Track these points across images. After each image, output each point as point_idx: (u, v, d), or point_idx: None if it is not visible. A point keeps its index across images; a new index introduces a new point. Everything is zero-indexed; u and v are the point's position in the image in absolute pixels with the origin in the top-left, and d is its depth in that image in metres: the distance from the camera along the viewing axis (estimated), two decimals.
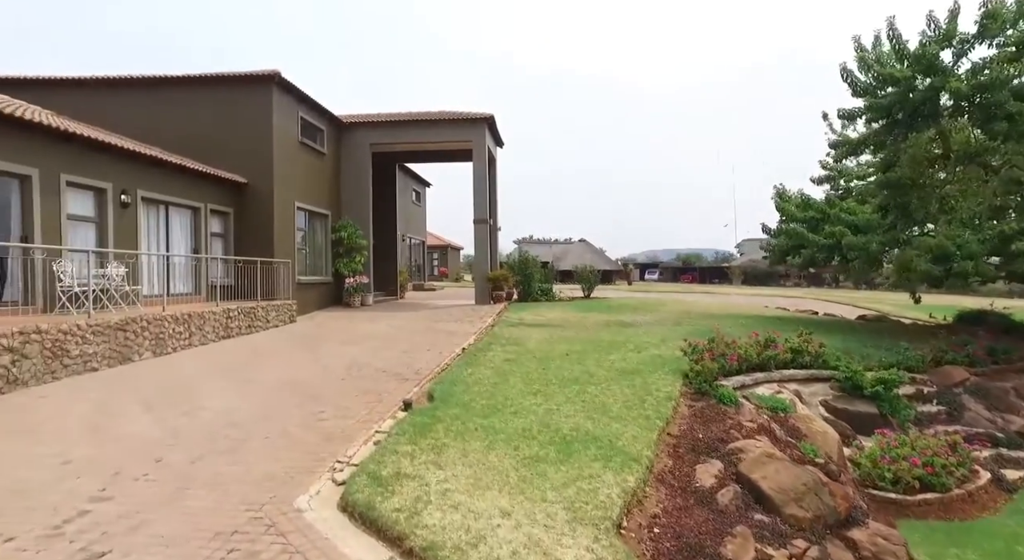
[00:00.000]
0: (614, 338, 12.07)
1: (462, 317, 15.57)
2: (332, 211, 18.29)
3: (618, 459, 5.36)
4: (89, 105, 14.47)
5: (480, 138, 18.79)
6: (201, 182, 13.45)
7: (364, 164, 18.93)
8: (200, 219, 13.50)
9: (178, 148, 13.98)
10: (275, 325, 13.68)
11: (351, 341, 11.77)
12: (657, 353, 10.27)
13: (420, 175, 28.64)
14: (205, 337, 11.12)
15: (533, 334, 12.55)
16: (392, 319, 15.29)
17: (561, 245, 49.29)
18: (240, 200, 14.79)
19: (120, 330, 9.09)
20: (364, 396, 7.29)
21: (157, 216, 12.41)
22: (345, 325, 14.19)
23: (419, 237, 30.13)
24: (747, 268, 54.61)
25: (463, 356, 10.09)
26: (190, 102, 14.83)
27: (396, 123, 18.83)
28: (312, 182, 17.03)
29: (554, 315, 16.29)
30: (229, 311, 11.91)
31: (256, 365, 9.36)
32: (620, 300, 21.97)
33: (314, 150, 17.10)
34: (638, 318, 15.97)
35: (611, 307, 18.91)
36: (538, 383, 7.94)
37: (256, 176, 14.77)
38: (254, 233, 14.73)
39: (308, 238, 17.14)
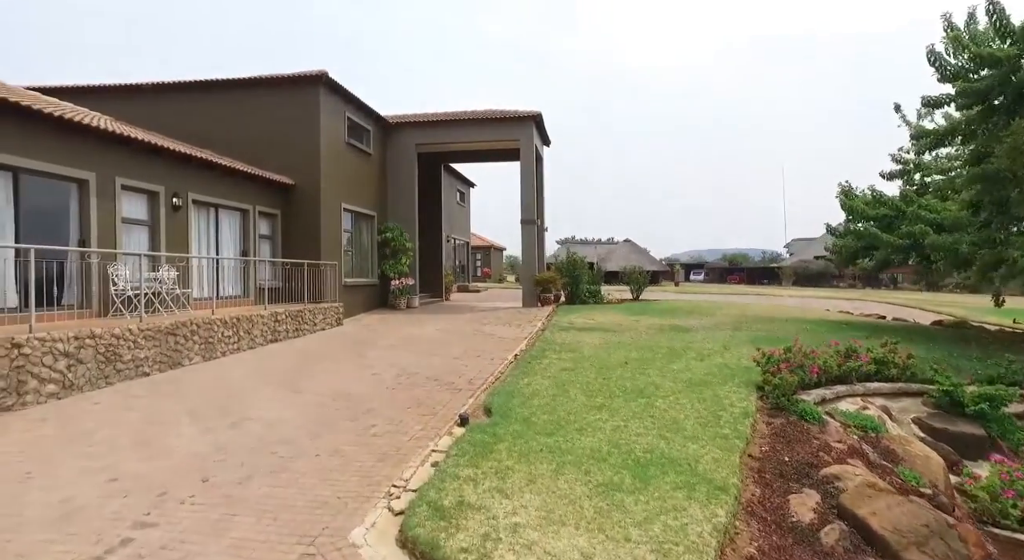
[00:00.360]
0: (673, 344, 11.39)
1: (510, 320, 15.12)
2: (378, 212, 18.11)
3: (703, 488, 4.77)
4: (142, 111, 14.63)
5: (527, 137, 18.30)
6: (250, 184, 13.38)
7: (410, 164, 18.69)
8: (249, 221, 13.44)
9: (226, 151, 13.96)
10: (322, 328, 13.50)
11: (399, 346, 11.45)
12: (722, 362, 9.57)
13: (464, 175, 28.37)
14: (253, 341, 10.96)
15: (586, 339, 11.98)
16: (439, 322, 14.95)
17: (605, 245, 48.37)
18: (287, 202, 14.69)
19: (171, 334, 8.96)
20: (417, 408, 6.88)
21: (207, 219, 12.37)
22: (392, 328, 13.92)
23: (463, 238, 29.88)
24: (797, 268, 52.51)
25: (516, 364, 9.61)
26: (238, 105, 14.83)
27: (442, 123, 18.52)
28: (358, 183, 16.87)
29: (605, 319, 15.66)
30: (277, 314, 11.75)
31: (304, 371, 9.09)
32: (671, 302, 21.15)
33: (360, 151, 16.93)
34: (694, 322, 15.20)
35: (663, 310, 18.15)
36: (601, 395, 7.38)
37: (303, 178, 14.65)
38: (301, 235, 14.62)
39: (354, 240, 16.99)
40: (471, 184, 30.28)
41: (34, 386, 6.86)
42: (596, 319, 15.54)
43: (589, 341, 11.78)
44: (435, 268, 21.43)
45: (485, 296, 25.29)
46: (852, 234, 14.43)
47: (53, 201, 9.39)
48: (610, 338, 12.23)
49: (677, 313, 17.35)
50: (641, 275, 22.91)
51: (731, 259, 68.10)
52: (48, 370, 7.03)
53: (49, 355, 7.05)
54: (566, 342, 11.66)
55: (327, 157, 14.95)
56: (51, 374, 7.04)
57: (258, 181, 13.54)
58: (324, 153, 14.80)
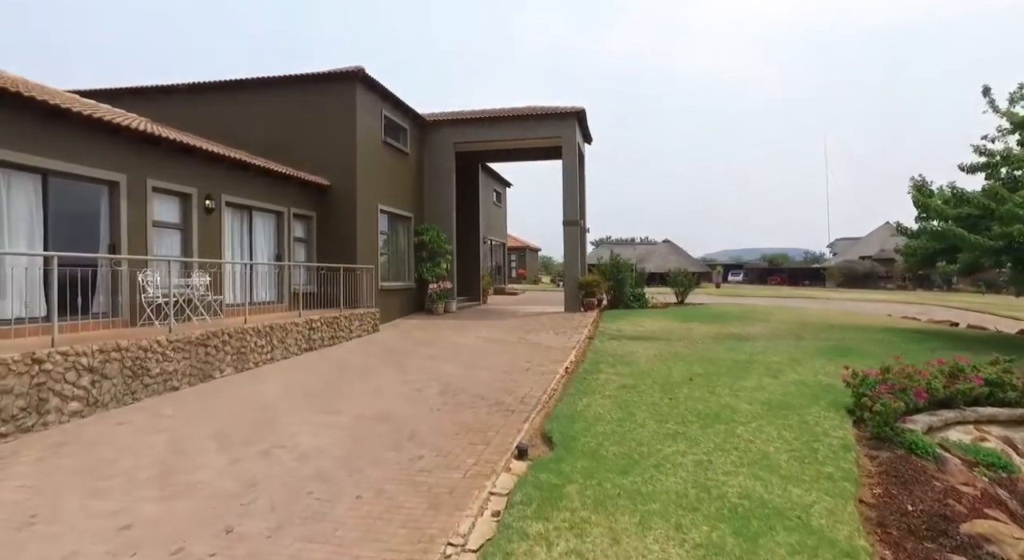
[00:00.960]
0: (735, 356, 10.40)
1: (555, 327, 14.28)
2: (415, 213, 17.47)
3: (827, 554, 3.86)
4: (176, 112, 14.25)
5: (570, 134, 17.43)
6: (284, 185, 12.84)
7: (447, 164, 18.00)
8: (283, 224, 12.90)
9: (260, 151, 13.46)
10: (358, 335, 12.88)
11: (440, 356, 10.72)
12: (798, 378, 8.56)
13: (501, 175, 27.62)
14: (287, 350, 10.37)
15: (640, 350, 11.07)
16: (479, 329, 14.20)
17: (644, 246, 47.05)
18: (323, 203, 14.13)
19: (201, 345, 8.39)
20: (467, 435, 6.10)
21: (240, 221, 11.85)
22: (431, 336, 13.22)
23: (499, 239, 29.15)
24: (843, 269, 50.24)
25: (569, 378, 8.78)
26: (272, 104, 14.33)
27: (481, 120, 17.78)
28: (395, 183, 16.25)
29: (655, 325, 14.69)
30: (312, 322, 11.14)
31: (339, 386, 8.42)
32: (718, 307, 20.00)
33: (397, 150, 16.31)
34: (750, 330, 14.12)
35: (713, 315, 17.07)
36: (672, 420, 6.49)
37: (339, 178, 14.07)
38: (336, 237, 14.04)
39: (390, 242, 16.38)
40: (507, 184, 29.51)
41: (56, 404, 6.32)
42: (645, 326, 14.58)
43: (643, 352, 10.86)
44: (472, 270, 20.73)
45: (523, 299, 24.50)
46: (928, 234, 13.15)
47: (83, 204, 8.94)
48: (665, 348, 11.28)
49: (729, 319, 16.26)
50: (686, 277, 21.80)
51: (771, 259, 65.80)
52: (71, 387, 6.48)
53: (72, 371, 6.51)
54: (619, 353, 10.76)
55: (363, 157, 14.35)
56: (74, 391, 6.50)
57: (293, 182, 13.00)
58: (360, 152, 14.20)
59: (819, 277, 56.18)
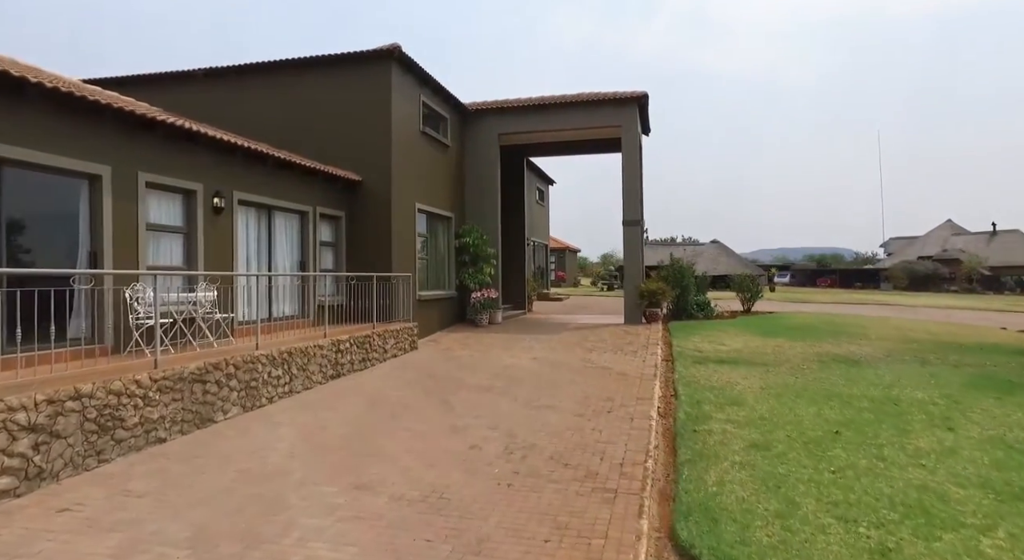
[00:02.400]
0: (866, 391, 8.11)
1: (620, 344, 12.10)
2: (455, 213, 15.49)
3: None
4: (191, 100, 12.57)
5: (631, 123, 15.21)
6: (309, 181, 10.97)
7: (491, 158, 15.97)
8: (307, 225, 11.02)
9: (283, 143, 11.65)
10: (393, 354, 10.93)
11: (493, 386, 8.67)
12: (993, 434, 6.24)
13: (544, 171, 25.46)
14: (310, 379, 8.45)
15: (739, 380, 8.85)
16: (532, 345, 12.12)
17: (690, 247, 44.33)
18: (353, 202, 12.24)
19: (197, 382, 6.49)
20: (559, 538, 4.01)
21: (257, 223, 10.00)
22: (477, 356, 11.18)
23: (542, 240, 27.03)
24: (905, 270, 46.61)
25: (669, 426, 6.63)
26: (296, 90, 12.50)
27: (529, 108, 15.69)
28: (434, 180, 14.29)
29: (736, 342, 12.39)
30: (339, 343, 9.21)
31: (372, 438, 6.42)
32: (792, 316, 17.51)
33: (437, 142, 14.34)
34: (853, 349, 11.73)
35: (794, 328, 14.65)
36: (863, 519, 4.28)
37: (372, 173, 12.15)
38: (369, 241, 12.13)
39: (428, 245, 14.43)
40: (550, 181, 27.35)
41: None
42: (726, 343, 12.29)
43: (744, 383, 8.63)
44: (517, 276, 18.67)
45: (570, 306, 22.34)
46: None
47: (55, 203, 7.16)
48: (768, 377, 9.03)
49: (817, 333, 13.84)
50: (753, 282, 19.36)
51: (819, 259, 62.08)
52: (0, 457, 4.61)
53: (3, 433, 4.64)
54: (714, 384, 8.56)
55: (400, 149, 12.41)
56: (3, 461, 4.62)
57: (318, 177, 11.12)
58: (396, 144, 12.26)
59: (873, 279, 52.57)
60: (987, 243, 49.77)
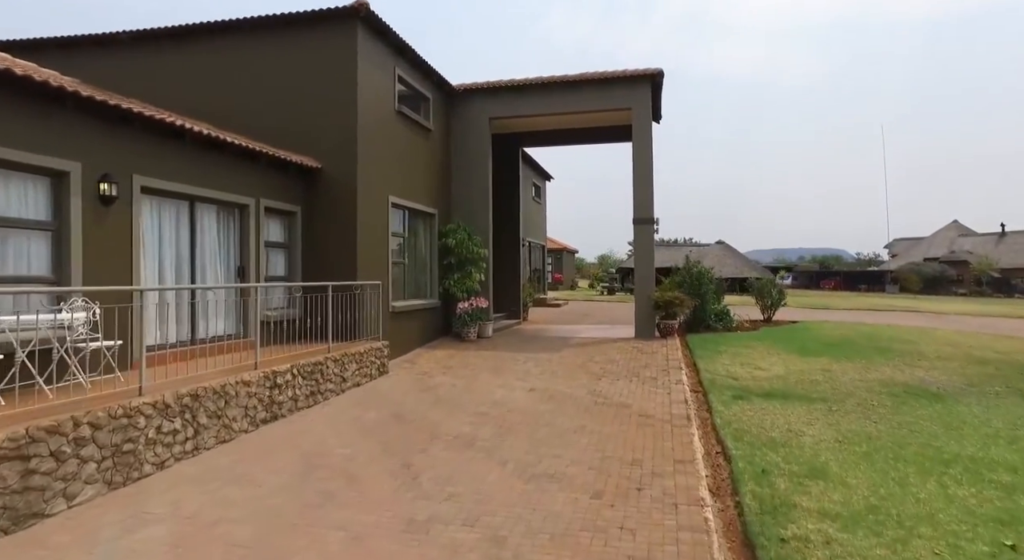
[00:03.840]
0: (988, 449, 5.87)
1: (632, 366, 9.84)
2: (439, 210, 13.19)
3: None
4: (115, 70, 10.24)
5: (643, 105, 12.93)
6: (249, 166, 8.66)
7: (482, 145, 13.68)
8: (248, 222, 8.71)
9: (232, 124, 9.36)
10: (355, 383, 8.64)
11: (474, 437, 6.37)
12: None
13: (540, 165, 23.11)
14: (229, 428, 6.15)
15: (799, 426, 6.59)
16: (527, 368, 9.84)
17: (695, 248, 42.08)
18: (311, 194, 9.93)
19: (15, 459, 4.18)
20: None
21: (174, 219, 7.68)
22: (460, 383, 8.89)
23: (538, 241, 24.71)
24: (916, 272, 44.53)
25: (729, 518, 4.35)
26: (245, 57, 10.19)
27: (524, 88, 13.40)
28: (413, 169, 11.98)
29: (773, 365, 10.15)
30: (275, 375, 6.90)
31: (286, 545, 4.12)
32: (821, 327, 15.28)
33: (416, 125, 12.03)
34: (921, 374, 9.52)
35: (832, 344, 12.43)
36: None
37: (333, 159, 9.85)
38: (331, 242, 9.83)
39: (407, 247, 12.13)
40: (548, 176, 25.02)
41: None
42: (762, 366, 10.03)
43: (811, 433, 6.37)
44: (511, 281, 16.38)
45: (570, 313, 20.05)
46: None
47: None
48: (840, 423, 6.77)
49: (861, 351, 11.64)
50: (774, 287, 17.14)
51: (822, 261, 59.96)
52: None
53: None
54: (772, 434, 6.29)
55: (369, 130, 10.11)
56: None
57: (261, 161, 8.81)
58: (364, 123, 9.96)
59: (878, 281, 50.58)
60: (996, 244, 47.76)
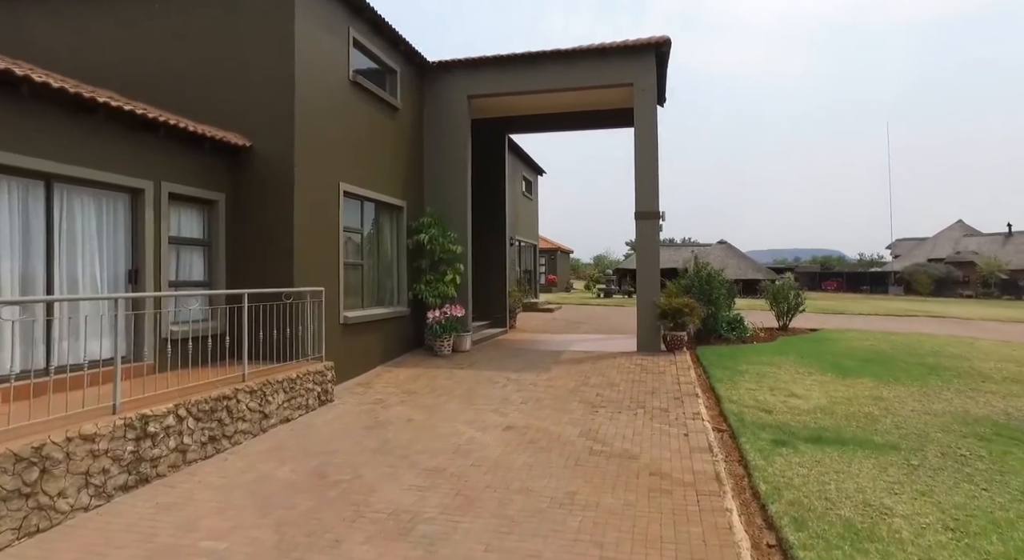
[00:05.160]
0: None
1: (637, 393, 7.86)
2: (409, 202, 11.20)
3: None
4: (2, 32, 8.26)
5: (646, 80, 10.97)
6: (145, 140, 6.66)
7: (459, 128, 11.70)
8: (142, 212, 6.70)
9: (141, 94, 7.39)
10: (284, 418, 6.66)
11: (419, 511, 4.37)
12: None
13: (531, 158, 21.10)
14: (50, 510, 4.16)
15: (870, 492, 4.61)
16: (506, 395, 7.85)
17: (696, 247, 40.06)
18: (238, 180, 7.95)
19: None
20: None
21: (22, 205, 5.67)
22: (420, 417, 6.90)
23: (530, 240, 22.71)
24: (928, 273, 42.70)
25: None
26: (152, 11, 8.20)
27: (508, 61, 11.42)
28: (376, 154, 10.00)
29: (809, 389, 8.20)
30: (147, 423, 4.89)
31: None
32: (845, 336, 13.37)
33: (380, 102, 10.05)
34: (1001, 404, 7.59)
35: (867, 360, 10.52)
36: None
37: (266, 136, 7.87)
38: (263, 238, 7.85)
39: (367, 246, 10.15)
40: (540, 171, 23.03)
41: None
42: (796, 391, 8.07)
43: (900, 509, 4.40)
44: (496, 284, 14.40)
45: (564, 320, 18.06)
46: None
47: None
48: (937, 493, 4.79)
49: (904, 367, 9.76)
50: (793, 291, 15.22)
51: (823, 261, 58.13)
52: None
53: None
54: (839, 512, 4.31)
55: (311, 102, 8.13)
56: None
57: (159, 133, 6.81)
58: (305, 95, 7.98)
59: (881, 282, 48.86)
60: (1003, 245, 45.99)
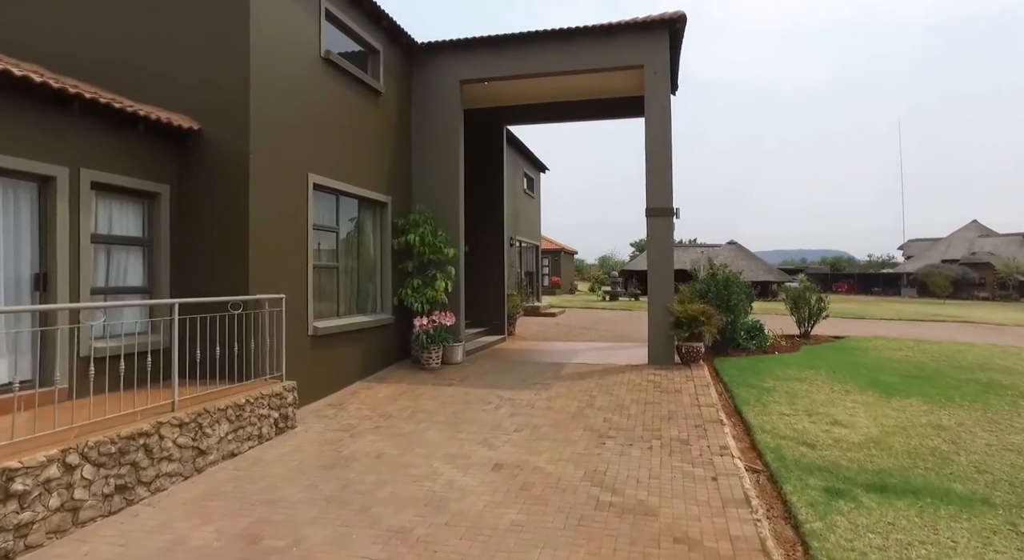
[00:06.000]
0: None
1: (650, 419, 6.64)
2: (394, 197, 10.02)
3: None
4: None
5: (658, 61, 9.75)
6: (58, 117, 5.50)
7: (451, 116, 10.51)
8: (53, 204, 5.54)
9: (83, 73, 6.25)
10: (229, 453, 5.49)
11: None
12: None
13: (533, 154, 19.87)
14: None
15: None
16: (497, 420, 6.64)
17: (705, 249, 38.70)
18: (186, 169, 6.79)
19: None
20: None
21: None
22: (392, 452, 5.69)
23: (532, 240, 21.49)
24: (947, 274, 41.21)
25: None
26: None
27: (504, 42, 10.21)
28: (354, 143, 8.82)
29: (853, 415, 6.96)
30: (9, 480, 3.72)
31: None
32: (873, 345, 12.12)
33: (359, 84, 8.87)
34: None
35: (908, 374, 9.29)
36: None
37: (217, 118, 6.71)
38: (215, 237, 6.68)
39: (344, 246, 8.98)
40: (543, 167, 21.79)
41: None
42: (841, 419, 6.83)
43: None
44: (493, 288, 13.20)
45: (567, 326, 16.83)
46: None
47: None
48: None
49: (955, 384, 8.52)
50: (815, 294, 14.00)
51: (832, 263, 56.65)
52: None
53: None
54: None
55: (272, 80, 6.97)
56: None
57: (84, 113, 5.65)
58: (263, 71, 6.82)
59: (893, 284, 47.49)
60: (1020, 245, 44.46)
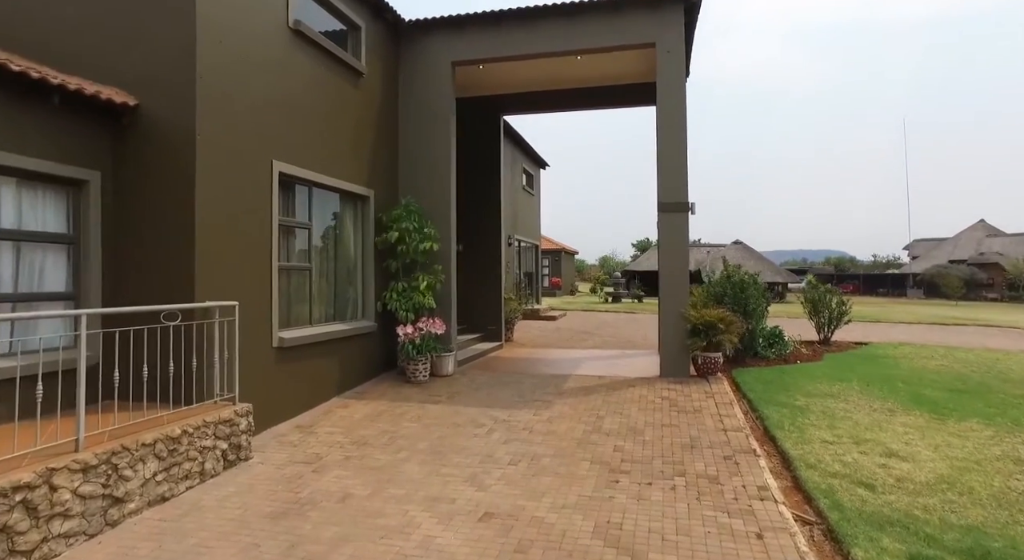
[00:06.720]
0: None
1: (668, 446, 5.58)
2: (377, 190, 8.98)
3: None
4: None
5: (672, 39, 8.71)
6: None
7: (442, 101, 9.47)
8: None
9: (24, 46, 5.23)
10: (159, 497, 4.44)
11: None
12: None
13: (532, 149, 18.84)
14: None
15: None
16: (491, 450, 5.57)
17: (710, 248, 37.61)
18: (121, 154, 5.75)
19: None
20: None
21: None
22: (358, 497, 4.63)
23: (531, 240, 20.45)
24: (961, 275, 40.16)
25: None
26: None
27: (500, 18, 9.18)
28: (330, 128, 7.78)
29: (911, 445, 5.91)
30: None
31: None
32: (900, 352, 11.09)
33: (334, 60, 7.82)
34: None
35: (956, 389, 8.30)
36: None
37: (156, 93, 5.67)
38: (154, 232, 5.65)
39: (318, 244, 7.94)
40: (543, 163, 20.76)
41: None
42: (897, 450, 5.78)
43: None
44: (488, 289, 12.16)
45: (568, 330, 15.78)
46: None
47: None
48: None
49: (1012, 400, 7.48)
50: (836, 299, 12.94)
51: (836, 263, 55.62)
52: None
53: None
54: None
55: (225, 49, 5.94)
56: None
57: None
58: (214, 38, 5.79)
59: (900, 284, 46.54)
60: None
